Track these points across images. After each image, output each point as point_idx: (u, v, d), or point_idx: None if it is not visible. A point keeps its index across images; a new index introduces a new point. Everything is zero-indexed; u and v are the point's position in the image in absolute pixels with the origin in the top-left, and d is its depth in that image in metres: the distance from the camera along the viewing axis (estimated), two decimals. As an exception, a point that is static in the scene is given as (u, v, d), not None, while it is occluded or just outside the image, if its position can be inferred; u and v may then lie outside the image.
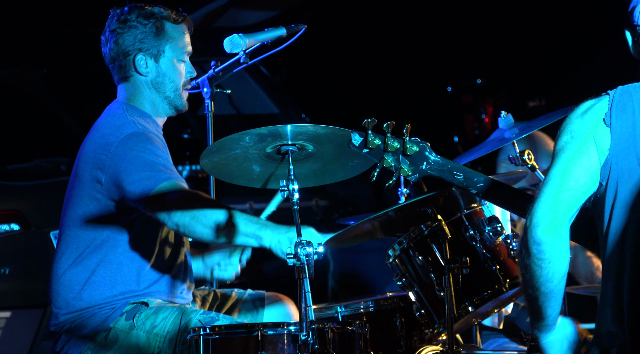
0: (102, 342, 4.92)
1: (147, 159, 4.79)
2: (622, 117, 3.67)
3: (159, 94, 5.12)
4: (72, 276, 4.98)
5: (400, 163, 4.05)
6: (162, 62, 5.10)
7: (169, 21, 5.09)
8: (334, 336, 4.49)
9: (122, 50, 5.08)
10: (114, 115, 5.06)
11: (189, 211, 4.66)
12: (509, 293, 5.01)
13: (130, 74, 5.11)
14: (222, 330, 4.49)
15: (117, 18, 5.08)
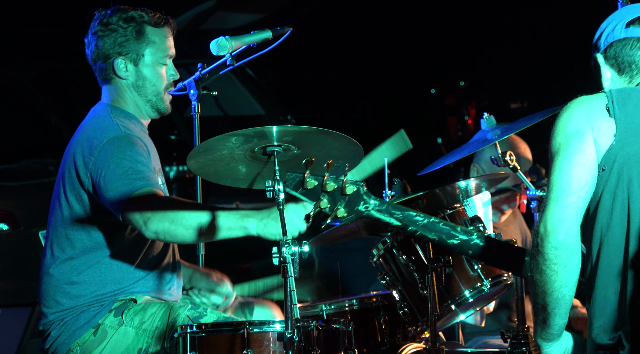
0: (91, 338, 4.93)
1: (125, 165, 4.79)
2: (625, 110, 3.70)
3: (141, 97, 5.13)
4: (60, 276, 4.99)
5: (337, 204, 4.04)
6: (142, 66, 5.10)
7: (150, 25, 5.10)
8: (319, 334, 4.51)
9: (102, 53, 5.09)
10: (99, 116, 5.06)
11: (166, 216, 4.63)
12: (491, 291, 5.03)
13: (111, 77, 5.12)
14: (209, 328, 4.50)
15: (100, 21, 5.09)
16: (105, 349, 4.92)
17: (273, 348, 4.43)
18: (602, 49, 3.89)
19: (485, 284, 4.95)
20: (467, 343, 6.04)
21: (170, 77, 5.17)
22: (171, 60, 5.17)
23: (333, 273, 7.56)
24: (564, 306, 3.70)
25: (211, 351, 4.46)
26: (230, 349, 4.44)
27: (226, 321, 4.80)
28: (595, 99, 3.77)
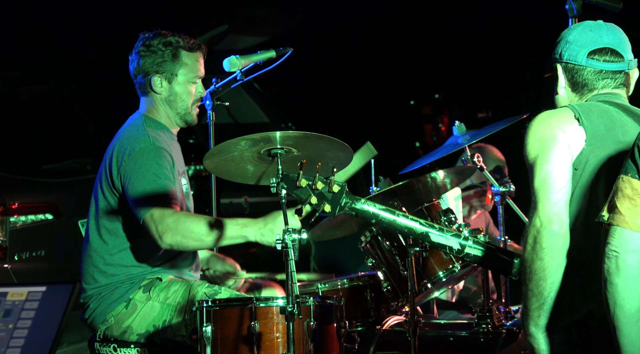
0: (124, 311, 4.94)
1: (149, 179, 4.83)
2: (590, 120, 3.67)
3: (172, 110, 5.13)
4: (97, 258, 5.00)
5: (324, 200, 4.05)
6: (175, 84, 5.10)
7: (185, 49, 5.10)
8: (315, 308, 4.50)
9: (142, 69, 5.10)
10: (134, 125, 5.07)
11: (178, 231, 4.73)
12: (461, 271, 5.04)
13: (148, 90, 5.12)
14: (222, 303, 4.50)
15: (143, 42, 5.10)
16: (135, 320, 4.93)
17: (276, 320, 4.43)
18: (562, 61, 3.88)
19: (456, 266, 4.95)
20: (440, 315, 6.04)
21: (198, 94, 5.18)
22: (200, 80, 5.17)
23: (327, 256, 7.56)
24: (556, 290, 3.62)
25: (224, 322, 4.45)
26: (240, 321, 4.43)
27: (237, 297, 4.81)
28: (562, 111, 3.74)
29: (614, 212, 3.29)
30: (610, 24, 3.90)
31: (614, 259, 3.28)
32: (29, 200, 6.75)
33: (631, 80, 3.88)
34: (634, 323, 3.29)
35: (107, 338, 4.98)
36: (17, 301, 3.31)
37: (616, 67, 3.83)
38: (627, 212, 3.27)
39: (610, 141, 3.65)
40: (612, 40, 3.83)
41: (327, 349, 4.56)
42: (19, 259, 6.55)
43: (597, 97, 3.81)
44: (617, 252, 3.28)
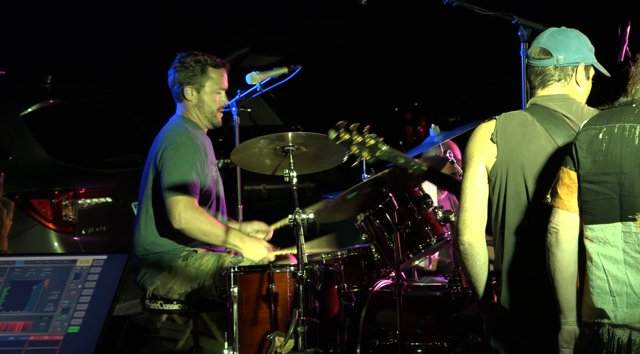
0: (167, 275, 4.93)
1: (180, 171, 4.82)
2: (505, 136, 3.60)
3: (201, 113, 5.11)
4: (146, 233, 4.98)
5: (362, 151, 4.02)
6: (202, 93, 5.09)
7: (211, 66, 5.08)
8: (320, 274, 4.49)
9: (177, 81, 5.09)
10: (174, 124, 5.06)
11: (192, 224, 4.78)
12: (436, 244, 5.01)
13: (181, 98, 5.11)
14: (246, 269, 4.49)
15: (179, 60, 5.09)
16: (176, 283, 4.91)
17: (289, 282, 4.42)
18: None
19: (432, 240, 4.93)
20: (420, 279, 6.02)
21: (222, 102, 5.16)
22: (224, 92, 5.16)
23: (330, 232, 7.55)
24: (479, 281, 3.62)
25: (247, 284, 4.44)
26: (260, 284, 4.42)
27: (257, 265, 4.79)
28: (487, 127, 3.63)
29: (556, 196, 3.26)
30: (565, 29, 3.70)
31: (555, 234, 3.25)
32: (93, 186, 6.75)
33: (577, 78, 3.65)
34: (569, 284, 3.26)
35: (154, 296, 4.97)
36: (84, 266, 3.31)
37: (540, 64, 3.65)
38: (565, 196, 3.24)
39: (522, 149, 3.59)
40: (547, 42, 3.64)
41: (330, 306, 4.55)
42: (85, 233, 6.55)
43: (535, 99, 3.70)
44: (556, 229, 3.25)
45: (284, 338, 4.28)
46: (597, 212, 3.18)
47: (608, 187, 3.16)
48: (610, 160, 3.16)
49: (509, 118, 3.62)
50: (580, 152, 3.22)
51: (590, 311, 3.20)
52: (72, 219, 6.44)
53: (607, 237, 3.16)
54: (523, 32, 4.66)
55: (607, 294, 3.15)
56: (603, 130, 3.21)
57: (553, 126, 3.57)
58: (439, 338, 4.72)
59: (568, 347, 3.31)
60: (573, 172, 3.24)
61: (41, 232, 6.34)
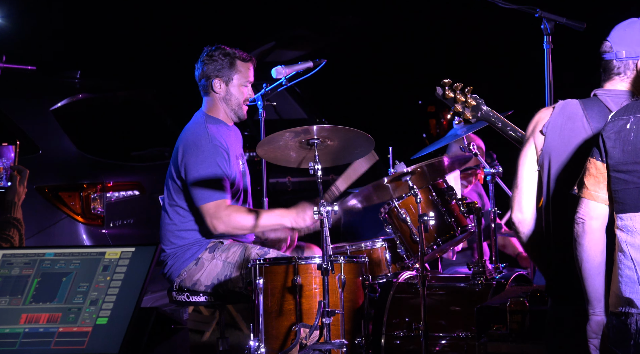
0: (194, 267, 4.93)
1: (205, 175, 4.84)
2: (554, 130, 3.54)
3: (228, 106, 5.10)
4: (173, 226, 4.99)
5: (464, 110, 4.07)
6: (230, 86, 5.07)
7: (239, 59, 5.07)
8: (345, 265, 4.48)
9: (205, 74, 5.07)
10: (197, 122, 5.05)
11: (228, 224, 4.79)
12: (460, 236, 5.00)
13: (209, 91, 5.09)
14: (271, 261, 4.48)
15: (207, 53, 5.07)
16: (203, 275, 4.91)
17: (314, 274, 4.41)
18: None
19: (457, 232, 4.92)
20: (444, 271, 6.00)
21: (248, 95, 5.14)
22: (250, 85, 5.14)
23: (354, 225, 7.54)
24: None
25: (272, 277, 4.44)
26: (286, 275, 4.41)
27: (283, 257, 4.78)
28: (543, 115, 3.61)
29: (582, 187, 3.26)
30: (636, 20, 3.57)
31: (581, 224, 3.25)
32: (121, 179, 6.78)
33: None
34: (596, 274, 3.25)
35: (181, 288, 4.98)
36: (112, 258, 3.31)
37: (604, 57, 3.55)
38: (592, 187, 3.24)
39: (565, 145, 3.56)
40: (613, 34, 3.55)
41: (354, 298, 4.53)
42: (113, 226, 6.57)
43: (597, 91, 3.58)
44: (583, 219, 3.24)
45: (309, 329, 4.27)
46: (628, 201, 3.17)
47: (638, 176, 3.16)
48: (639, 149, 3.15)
49: (563, 109, 3.58)
50: (608, 142, 3.21)
51: (618, 300, 3.18)
52: (100, 212, 6.46)
53: (636, 226, 3.15)
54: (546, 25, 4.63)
55: (635, 283, 3.13)
56: (630, 120, 3.20)
57: (597, 123, 3.53)
58: (463, 328, 4.71)
59: (597, 337, 3.29)
60: (600, 163, 3.23)
61: (70, 225, 6.37)
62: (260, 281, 4.39)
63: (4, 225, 4.21)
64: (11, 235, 4.21)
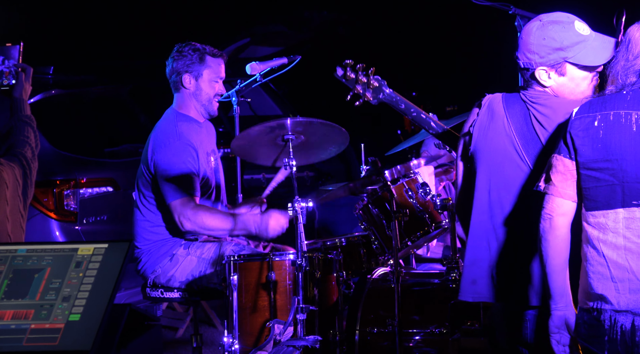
0: (168, 263, 4.92)
1: (174, 173, 4.80)
2: (479, 128, 3.62)
3: (198, 102, 5.07)
4: (146, 221, 4.97)
5: (365, 92, 4.02)
6: (200, 81, 5.04)
7: (209, 55, 5.05)
8: (319, 262, 4.48)
9: (176, 70, 5.04)
10: (167, 120, 5.03)
11: (196, 223, 4.74)
12: (434, 232, 5.01)
13: (179, 87, 5.07)
14: (246, 257, 4.48)
15: (177, 49, 5.06)
16: (177, 271, 4.90)
17: (289, 270, 4.41)
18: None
19: (431, 228, 4.93)
20: (417, 267, 6.02)
21: (219, 91, 5.12)
22: (221, 81, 5.12)
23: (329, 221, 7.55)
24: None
25: (247, 273, 4.43)
26: (260, 272, 4.41)
27: (257, 253, 4.78)
28: (474, 110, 3.72)
29: (549, 184, 3.26)
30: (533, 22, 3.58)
31: (549, 220, 3.25)
32: (94, 176, 6.76)
33: (538, 78, 3.55)
34: (561, 270, 3.26)
35: (155, 285, 4.97)
36: (85, 255, 3.29)
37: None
38: (559, 184, 3.24)
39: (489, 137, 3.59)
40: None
41: (329, 294, 4.54)
42: (86, 222, 6.55)
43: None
44: (550, 215, 3.25)
45: (283, 325, 4.27)
46: (600, 198, 3.17)
47: (609, 173, 3.15)
48: (610, 147, 3.15)
49: (489, 108, 3.67)
50: (577, 139, 3.20)
51: (588, 296, 3.19)
52: (73, 209, 6.44)
53: (608, 223, 3.15)
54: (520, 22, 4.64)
55: (607, 279, 3.14)
56: (598, 117, 3.19)
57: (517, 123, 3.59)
58: (437, 324, 4.72)
59: (559, 332, 3.31)
60: (568, 160, 3.23)
61: (43, 222, 6.34)
62: (234, 277, 4.39)
63: (19, 126, 4.33)
64: (27, 135, 4.34)
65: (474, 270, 3.59)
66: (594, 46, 3.52)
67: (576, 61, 3.51)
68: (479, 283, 3.58)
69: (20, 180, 4.23)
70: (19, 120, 4.36)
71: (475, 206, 3.60)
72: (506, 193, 3.53)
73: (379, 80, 4.03)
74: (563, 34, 3.50)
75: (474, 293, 3.60)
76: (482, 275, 3.57)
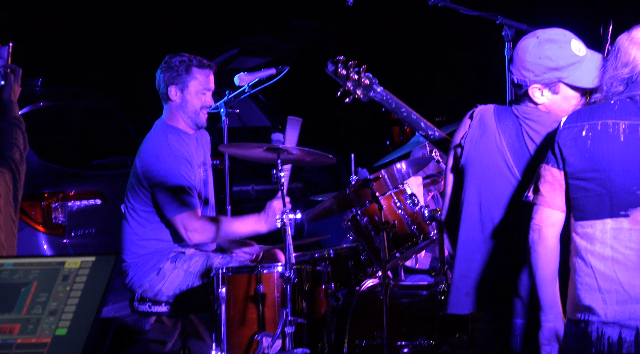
0: (155, 276, 4.91)
1: (171, 187, 4.80)
2: (470, 141, 3.63)
3: (185, 114, 5.06)
4: (133, 235, 4.96)
5: (356, 89, 4.02)
6: (186, 93, 5.04)
7: (196, 66, 5.04)
8: (307, 274, 4.48)
9: (163, 81, 5.04)
10: (157, 132, 5.03)
11: (203, 233, 4.77)
12: (422, 244, 5.00)
13: (167, 99, 5.07)
14: (234, 269, 4.47)
15: (166, 60, 5.05)
16: (165, 285, 4.89)
17: (277, 283, 4.40)
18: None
19: (419, 239, 4.93)
20: (406, 278, 6.01)
21: (206, 102, 5.11)
22: (210, 92, 5.11)
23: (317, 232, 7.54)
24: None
25: (235, 285, 4.43)
26: (248, 284, 4.41)
27: (245, 265, 4.78)
28: (465, 122, 3.73)
29: (538, 194, 3.24)
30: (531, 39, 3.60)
31: (537, 231, 3.23)
32: (82, 188, 6.74)
33: (531, 96, 3.55)
34: (551, 282, 3.25)
35: (143, 299, 4.95)
36: (72, 268, 3.28)
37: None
38: (547, 194, 3.22)
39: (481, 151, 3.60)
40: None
41: (317, 306, 4.53)
42: (75, 235, 6.53)
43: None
44: (539, 226, 3.23)
45: (271, 338, 4.26)
46: (588, 208, 3.16)
47: (598, 183, 3.14)
48: (598, 157, 3.14)
49: (481, 120, 3.68)
50: (565, 149, 3.20)
51: (576, 307, 3.18)
52: (61, 222, 6.42)
53: (596, 233, 3.14)
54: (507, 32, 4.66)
55: (595, 291, 3.13)
56: (585, 127, 3.19)
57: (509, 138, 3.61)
58: (425, 336, 4.71)
59: (549, 344, 3.30)
60: (556, 170, 3.22)
61: (31, 235, 6.32)
62: (222, 290, 4.38)
63: (7, 128, 4.29)
64: (15, 137, 4.29)
65: (464, 283, 3.59)
66: (589, 67, 3.51)
67: (570, 82, 3.51)
68: (469, 295, 3.58)
69: (11, 185, 4.21)
70: (7, 122, 4.32)
71: (464, 219, 3.59)
72: (497, 208, 3.53)
73: (370, 78, 4.02)
74: (559, 54, 3.50)
75: (465, 305, 3.60)
76: (473, 287, 3.57)
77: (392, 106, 4.03)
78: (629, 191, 3.10)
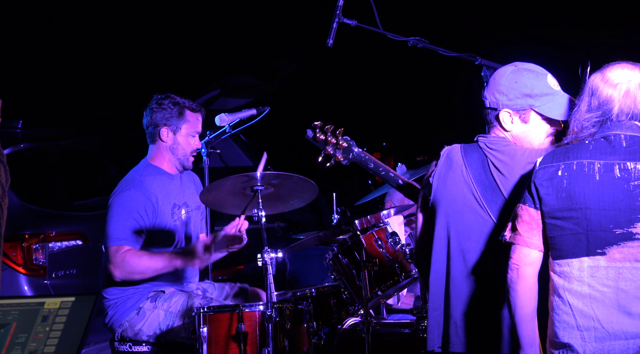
0: (135, 316, 4.88)
1: (118, 220, 4.81)
2: (438, 178, 3.67)
3: (174, 155, 5.08)
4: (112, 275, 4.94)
5: (335, 152, 4.06)
6: (178, 135, 5.06)
7: (189, 109, 5.07)
8: (289, 312, 4.47)
9: (153, 122, 5.05)
10: (134, 170, 5.05)
11: (125, 269, 4.74)
12: (404, 282, 5.00)
13: (156, 140, 5.08)
14: (215, 309, 4.46)
15: (156, 101, 5.06)
16: (145, 324, 4.87)
17: (259, 321, 4.39)
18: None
19: (400, 277, 4.93)
20: (388, 317, 6.01)
21: (195, 145, 5.13)
22: (197, 135, 5.14)
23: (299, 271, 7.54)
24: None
25: (217, 325, 4.41)
26: (230, 323, 4.39)
27: (226, 305, 4.76)
28: (435, 162, 3.78)
29: (515, 233, 3.27)
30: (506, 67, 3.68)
31: (516, 270, 3.25)
32: (63, 229, 6.72)
33: (501, 121, 3.60)
34: (530, 320, 3.26)
35: (123, 338, 4.93)
36: (52, 308, 3.27)
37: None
38: (525, 233, 3.25)
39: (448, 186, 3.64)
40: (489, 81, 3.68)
41: (299, 345, 4.52)
42: (55, 276, 6.50)
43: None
44: (517, 265, 3.25)
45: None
46: (564, 247, 3.18)
47: (574, 222, 3.17)
48: (574, 196, 3.17)
49: (448, 158, 3.73)
50: (541, 189, 3.22)
51: (554, 345, 3.19)
52: (42, 263, 6.39)
53: (573, 272, 3.16)
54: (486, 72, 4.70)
55: (573, 328, 3.14)
56: (561, 167, 3.22)
57: (476, 170, 3.65)
58: (408, 374, 4.70)
59: None
60: (533, 210, 3.24)
61: (11, 277, 6.29)
62: (204, 329, 4.36)
63: None
64: None
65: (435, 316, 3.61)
66: (561, 102, 3.57)
67: (541, 111, 3.56)
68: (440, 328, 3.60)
69: None
70: None
71: (434, 254, 3.61)
72: (466, 240, 3.55)
73: (347, 141, 4.09)
74: (535, 82, 3.56)
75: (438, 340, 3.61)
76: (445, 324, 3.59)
77: (370, 166, 4.11)
78: (605, 229, 3.13)
